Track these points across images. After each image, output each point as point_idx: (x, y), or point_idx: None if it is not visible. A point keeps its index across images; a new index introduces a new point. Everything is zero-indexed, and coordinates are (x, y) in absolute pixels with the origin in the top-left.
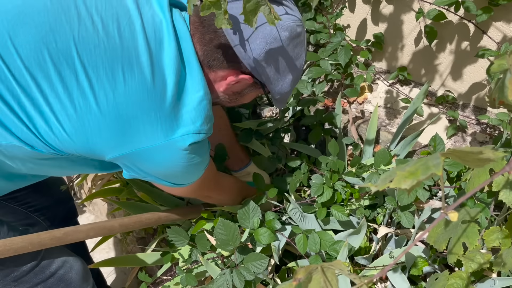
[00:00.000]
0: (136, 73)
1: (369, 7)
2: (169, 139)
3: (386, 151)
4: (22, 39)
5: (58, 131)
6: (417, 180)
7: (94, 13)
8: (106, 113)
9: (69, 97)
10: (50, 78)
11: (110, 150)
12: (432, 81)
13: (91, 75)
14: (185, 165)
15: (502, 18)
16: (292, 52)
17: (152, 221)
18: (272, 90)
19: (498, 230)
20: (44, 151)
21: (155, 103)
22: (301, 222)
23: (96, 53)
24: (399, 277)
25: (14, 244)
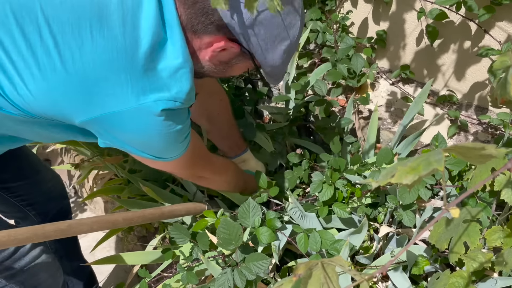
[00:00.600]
0: (106, 31)
1: (371, 6)
2: (141, 103)
3: (388, 149)
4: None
5: (23, 91)
6: (419, 175)
7: None
8: (72, 73)
9: (33, 55)
10: (12, 34)
11: (78, 113)
12: (434, 81)
13: (56, 32)
14: (161, 133)
15: (505, 17)
16: (284, 20)
17: (155, 216)
18: (261, 61)
19: (500, 230)
20: (13, 112)
21: (126, 63)
22: (301, 221)
23: (62, 9)
24: (400, 276)
25: (19, 235)
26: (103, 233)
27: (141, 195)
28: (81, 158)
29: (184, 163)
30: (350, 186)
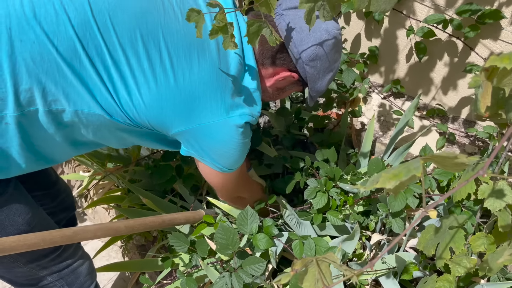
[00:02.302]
0: (208, 57)
1: (363, 23)
2: (230, 116)
3: (379, 159)
4: (120, 19)
5: (137, 102)
6: (400, 180)
7: (175, 5)
8: (182, 88)
9: (152, 72)
10: (138, 55)
11: (179, 123)
12: (424, 95)
13: (173, 55)
14: (238, 143)
15: (489, 35)
16: (333, 56)
17: (156, 224)
18: (311, 88)
19: (484, 236)
20: (120, 120)
21: (222, 84)
22: (297, 228)
23: (178, 37)
24: (391, 282)
25: (28, 240)
26: (102, 242)
27: (141, 204)
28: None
29: (236, 178)
30: (343, 195)
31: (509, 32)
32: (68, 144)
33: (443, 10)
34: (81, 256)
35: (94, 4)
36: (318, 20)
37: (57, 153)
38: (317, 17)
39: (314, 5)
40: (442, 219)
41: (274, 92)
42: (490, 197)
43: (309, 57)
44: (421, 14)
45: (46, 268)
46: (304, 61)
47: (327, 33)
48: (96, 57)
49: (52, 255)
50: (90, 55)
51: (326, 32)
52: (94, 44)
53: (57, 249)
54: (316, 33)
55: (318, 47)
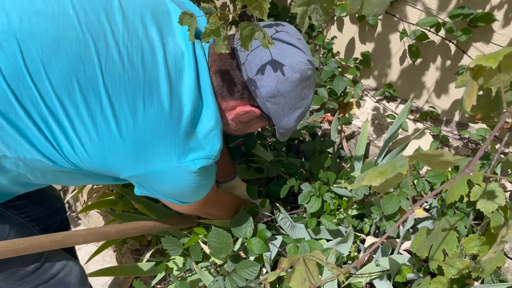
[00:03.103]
0: (156, 102)
1: (357, 27)
2: (181, 162)
3: (372, 162)
4: (54, 68)
5: (80, 151)
6: (386, 178)
7: (121, 44)
8: (125, 137)
9: (93, 122)
10: (76, 104)
11: (125, 170)
12: (418, 98)
13: (114, 102)
14: (193, 186)
15: (481, 38)
16: (300, 93)
17: (147, 229)
18: (277, 124)
19: (476, 238)
20: (64, 166)
21: (171, 130)
22: (291, 231)
23: (120, 82)
24: (384, 285)
25: (16, 246)
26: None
27: (135, 209)
28: None
29: (201, 204)
30: (337, 199)
31: (501, 35)
32: (17, 185)
33: (435, 14)
34: (68, 264)
35: (26, 52)
36: (282, 54)
37: (5, 191)
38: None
39: (307, 8)
40: (435, 221)
41: (238, 125)
42: (482, 199)
43: (268, 93)
44: (414, 17)
45: (27, 282)
46: (264, 97)
47: (290, 68)
48: (32, 108)
49: (32, 265)
50: (25, 106)
51: (289, 67)
52: (28, 95)
53: (39, 259)
54: (278, 68)
55: (280, 84)
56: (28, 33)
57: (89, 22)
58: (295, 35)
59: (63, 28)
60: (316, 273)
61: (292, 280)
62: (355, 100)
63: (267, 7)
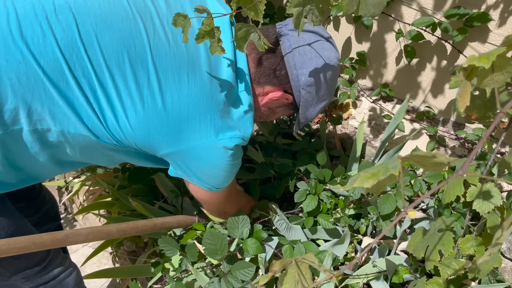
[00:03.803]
0: (198, 79)
1: (353, 27)
2: (219, 138)
3: (369, 163)
4: (107, 41)
5: (124, 124)
6: (378, 179)
7: (166, 25)
8: (169, 111)
9: (140, 95)
10: (126, 77)
11: (166, 145)
12: (414, 98)
13: (161, 77)
14: (227, 164)
15: (477, 38)
16: (330, 86)
17: (148, 228)
18: (302, 113)
19: (473, 238)
20: (107, 141)
21: (211, 106)
22: (287, 232)
23: (167, 59)
24: (381, 285)
25: (18, 244)
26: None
27: (131, 210)
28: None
29: (224, 195)
30: (333, 198)
31: (497, 34)
32: (53, 163)
33: (431, 14)
34: (68, 267)
35: (81, 25)
36: (321, 48)
37: (41, 172)
38: (322, 42)
39: (302, 9)
40: (431, 222)
41: (265, 112)
42: (478, 199)
43: (307, 81)
44: (410, 17)
45: (31, 281)
46: (301, 85)
47: (328, 62)
48: (83, 79)
49: (38, 266)
50: (76, 76)
51: (328, 59)
52: (81, 66)
53: (44, 260)
54: (318, 59)
55: (318, 73)
56: (83, 8)
57: (137, 3)
58: (327, 32)
59: (115, 6)
60: (309, 276)
61: (285, 283)
62: (351, 101)
63: (263, 9)
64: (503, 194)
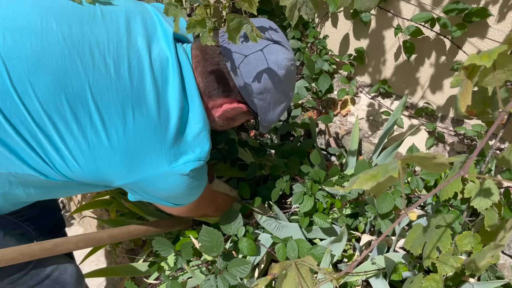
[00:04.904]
0: (144, 110)
1: (351, 23)
2: (172, 166)
3: (365, 161)
4: (41, 85)
5: (71, 164)
6: (377, 181)
7: (107, 55)
8: (116, 147)
9: (83, 135)
10: (66, 119)
11: (118, 178)
12: (413, 94)
13: (104, 114)
14: (186, 188)
15: (476, 34)
16: (285, 88)
17: (140, 232)
18: (262, 118)
19: (470, 235)
20: (57, 179)
21: (161, 136)
22: (279, 231)
23: (109, 94)
24: (380, 283)
25: (6, 255)
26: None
27: (129, 209)
28: None
29: (195, 206)
30: (330, 197)
31: (496, 30)
32: (7, 204)
33: (430, 9)
34: (62, 263)
35: (12, 71)
36: (268, 52)
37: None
38: (268, 45)
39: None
40: (429, 218)
41: (224, 122)
42: (476, 196)
43: (256, 90)
44: (408, 13)
45: (21, 284)
46: (252, 94)
47: (276, 65)
48: (21, 126)
49: (25, 269)
50: (14, 124)
51: (275, 64)
52: (16, 113)
53: (29, 262)
54: (265, 65)
55: (267, 80)
56: (13, 51)
57: (73, 36)
58: (274, 30)
59: (48, 44)
60: (309, 279)
61: (285, 285)
62: (349, 97)
63: (257, 0)
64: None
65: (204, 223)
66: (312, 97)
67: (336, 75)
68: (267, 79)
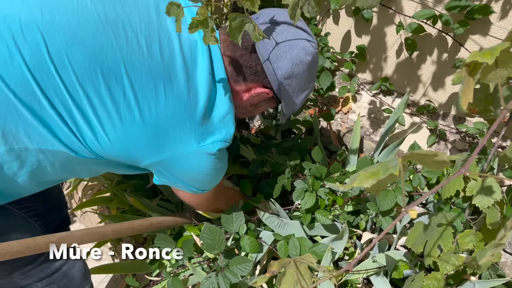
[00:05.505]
0: (175, 88)
1: (353, 20)
2: (201, 145)
3: (367, 158)
4: (78, 58)
5: (103, 140)
6: (378, 179)
7: (139, 34)
8: (147, 123)
9: (116, 110)
10: (100, 93)
11: (148, 156)
12: (414, 91)
13: (137, 90)
14: (212, 169)
15: (478, 31)
16: (310, 75)
17: (144, 228)
18: (285, 106)
19: (472, 233)
20: (86, 156)
21: (190, 114)
22: (280, 229)
23: (142, 71)
24: (381, 281)
25: (11, 248)
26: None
27: (130, 206)
28: None
29: (212, 196)
30: (331, 194)
31: (498, 27)
32: (33, 183)
33: (432, 6)
34: (70, 258)
35: (50, 43)
36: (296, 38)
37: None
38: (296, 32)
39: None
40: (430, 217)
41: (248, 108)
42: (478, 194)
43: (284, 75)
44: (410, 10)
45: (31, 276)
46: (279, 79)
47: (304, 52)
48: (56, 98)
49: (36, 261)
50: (49, 96)
51: (303, 50)
52: (52, 86)
53: (41, 254)
54: (293, 51)
55: (295, 65)
56: (51, 25)
57: (108, 14)
58: (301, 20)
59: (84, 20)
60: (308, 276)
61: (284, 283)
62: (351, 95)
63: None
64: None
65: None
66: (314, 95)
67: (337, 73)
68: (295, 64)
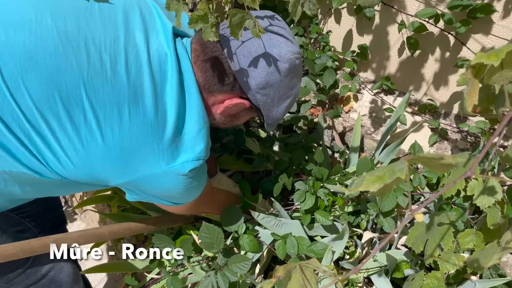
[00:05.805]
0: (141, 108)
1: (354, 19)
2: (170, 166)
3: (367, 159)
4: (34, 82)
5: (66, 163)
6: (384, 183)
7: (103, 52)
8: (111, 147)
9: (77, 134)
10: (59, 117)
11: (114, 178)
12: (416, 90)
13: (99, 113)
14: (184, 188)
15: (480, 30)
16: (289, 83)
17: (141, 228)
18: (266, 115)
19: (473, 233)
20: (51, 177)
21: (158, 135)
22: (278, 228)
23: (104, 92)
24: (382, 281)
25: (6, 251)
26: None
27: (130, 204)
28: None
29: (194, 205)
30: (331, 195)
31: (501, 26)
32: (6, 201)
33: (434, 5)
34: (59, 263)
35: (4, 67)
36: (270, 45)
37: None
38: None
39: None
40: (431, 216)
41: (226, 119)
42: (479, 193)
43: (258, 84)
44: (412, 8)
45: (17, 283)
46: (253, 89)
47: (280, 59)
48: (13, 123)
49: (21, 268)
50: (6, 121)
51: (278, 57)
52: (8, 110)
53: (26, 261)
54: (267, 59)
55: (269, 75)
56: (5, 47)
57: (69, 32)
58: (280, 24)
59: (42, 40)
60: (314, 281)
61: (289, 287)
62: (352, 94)
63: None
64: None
65: (205, 219)
66: (315, 92)
67: (338, 72)
68: (270, 73)
